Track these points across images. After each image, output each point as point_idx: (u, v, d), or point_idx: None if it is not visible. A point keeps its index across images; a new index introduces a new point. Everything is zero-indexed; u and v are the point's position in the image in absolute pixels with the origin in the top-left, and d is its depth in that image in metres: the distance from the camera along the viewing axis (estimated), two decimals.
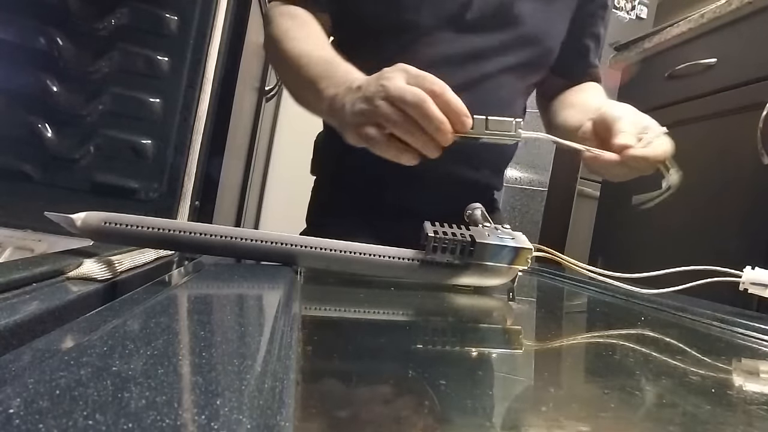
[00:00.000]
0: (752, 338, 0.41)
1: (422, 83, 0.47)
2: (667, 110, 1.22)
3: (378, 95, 0.48)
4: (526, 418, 0.21)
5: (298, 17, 0.69)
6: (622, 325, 0.45)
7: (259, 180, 1.83)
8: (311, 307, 0.37)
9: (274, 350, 0.19)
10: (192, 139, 0.72)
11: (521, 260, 0.46)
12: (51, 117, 0.70)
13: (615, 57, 1.47)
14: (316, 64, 0.60)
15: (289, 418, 0.15)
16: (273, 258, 0.41)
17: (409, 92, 0.46)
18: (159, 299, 0.25)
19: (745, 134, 0.95)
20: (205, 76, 0.73)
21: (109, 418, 0.12)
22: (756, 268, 0.48)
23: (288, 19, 0.68)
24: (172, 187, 0.72)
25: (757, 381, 0.31)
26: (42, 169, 0.70)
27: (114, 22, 0.72)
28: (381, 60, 0.71)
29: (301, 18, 0.69)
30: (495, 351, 0.32)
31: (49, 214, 0.37)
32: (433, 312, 0.42)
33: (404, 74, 0.48)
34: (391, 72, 0.49)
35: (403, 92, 0.46)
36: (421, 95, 0.46)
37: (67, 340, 0.22)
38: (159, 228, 0.37)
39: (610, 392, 0.24)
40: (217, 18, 0.74)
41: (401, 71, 0.48)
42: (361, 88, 0.51)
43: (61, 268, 0.33)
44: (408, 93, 0.46)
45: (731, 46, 1.08)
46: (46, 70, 0.70)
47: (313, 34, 0.67)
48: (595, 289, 0.56)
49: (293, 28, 0.67)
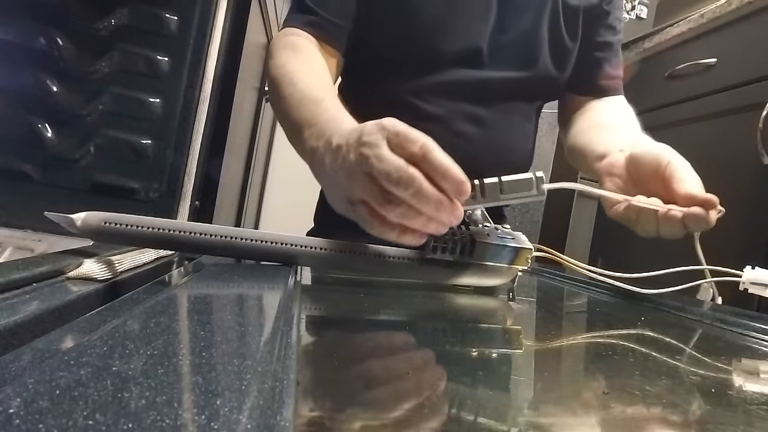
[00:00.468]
0: (752, 338, 0.41)
1: (404, 144, 0.39)
2: (667, 110, 1.22)
3: (359, 169, 0.40)
4: (526, 418, 0.21)
5: (300, 50, 0.64)
6: (622, 325, 0.45)
7: (259, 180, 1.83)
8: (311, 307, 0.37)
9: (274, 350, 0.19)
10: (192, 139, 0.73)
11: (521, 260, 0.46)
12: (51, 117, 0.70)
13: None
14: (304, 105, 0.54)
15: (289, 418, 0.15)
16: (273, 258, 0.41)
17: (395, 171, 0.38)
18: (159, 299, 0.25)
19: (745, 134, 0.95)
20: (205, 76, 0.73)
21: (109, 418, 0.12)
22: (756, 268, 0.48)
23: (289, 53, 0.63)
24: (172, 187, 0.72)
25: (757, 381, 0.31)
26: (42, 169, 0.70)
27: (114, 22, 0.72)
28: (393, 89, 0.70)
29: (302, 51, 0.64)
30: (495, 351, 0.32)
31: (49, 214, 0.37)
32: (433, 312, 0.42)
33: (385, 134, 0.40)
34: (370, 135, 0.40)
35: (388, 172, 0.38)
36: (409, 174, 0.38)
37: (67, 340, 0.22)
38: (159, 228, 0.37)
39: (610, 392, 0.24)
40: (217, 18, 0.74)
41: (381, 130, 0.40)
42: (340, 150, 0.43)
43: (61, 268, 0.33)
44: (393, 172, 0.38)
45: (731, 46, 1.08)
46: (46, 70, 0.70)
47: (310, 71, 0.61)
48: (595, 289, 0.56)
49: (290, 63, 0.61)
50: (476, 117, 0.72)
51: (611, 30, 0.79)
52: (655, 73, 1.28)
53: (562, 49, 0.74)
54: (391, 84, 0.72)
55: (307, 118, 0.52)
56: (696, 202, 0.48)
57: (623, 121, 0.73)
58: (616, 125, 0.71)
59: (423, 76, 0.71)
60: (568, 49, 0.75)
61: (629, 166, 0.57)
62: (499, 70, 0.72)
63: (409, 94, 0.72)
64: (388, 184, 0.38)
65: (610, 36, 0.79)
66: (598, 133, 0.70)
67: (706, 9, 1.13)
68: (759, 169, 0.92)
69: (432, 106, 0.72)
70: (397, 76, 0.72)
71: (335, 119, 0.49)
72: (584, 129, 0.75)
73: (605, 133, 0.70)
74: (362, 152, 0.40)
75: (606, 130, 0.71)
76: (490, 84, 0.72)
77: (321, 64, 0.63)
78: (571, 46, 0.75)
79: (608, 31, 0.79)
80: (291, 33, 0.66)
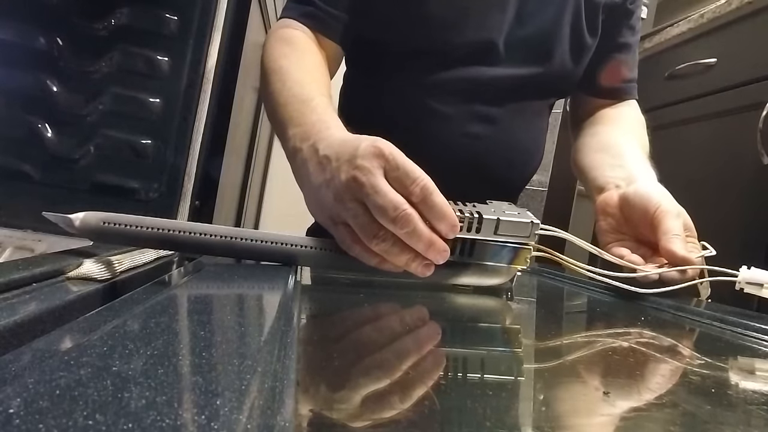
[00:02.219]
0: (752, 338, 0.41)
1: (404, 180, 0.37)
2: (667, 110, 1.22)
3: (350, 194, 0.38)
4: (525, 417, 0.21)
5: (294, 44, 0.62)
6: (622, 325, 0.45)
7: (259, 180, 1.83)
8: (311, 307, 0.37)
9: (274, 350, 0.19)
10: (192, 139, 0.73)
11: (520, 260, 0.46)
12: (51, 117, 0.70)
13: None
14: (291, 104, 0.52)
15: (289, 418, 0.15)
16: (273, 258, 0.41)
17: (392, 210, 0.36)
18: (159, 299, 0.26)
19: (745, 134, 0.95)
20: (205, 76, 0.73)
21: (109, 418, 0.12)
22: (752, 268, 0.48)
23: (283, 46, 0.61)
24: (172, 187, 0.72)
25: (757, 381, 0.31)
26: (42, 169, 0.70)
27: (114, 22, 0.72)
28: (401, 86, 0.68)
29: (297, 46, 0.62)
30: (494, 351, 0.32)
31: (47, 214, 0.37)
32: (433, 312, 0.42)
33: (382, 162, 0.38)
34: (364, 160, 0.38)
35: (385, 208, 0.36)
36: (407, 214, 0.36)
37: (67, 340, 0.22)
38: (158, 228, 0.37)
39: (610, 392, 0.24)
40: (217, 18, 0.74)
41: (378, 157, 0.38)
42: (328, 164, 0.41)
43: (61, 268, 0.33)
44: (391, 211, 0.36)
45: (731, 46, 1.08)
46: (46, 70, 0.70)
47: (301, 68, 0.58)
48: (595, 289, 0.56)
49: (282, 57, 0.59)
50: (487, 116, 0.70)
51: (632, 30, 0.77)
52: (655, 73, 1.28)
53: (581, 45, 0.71)
54: (398, 80, 0.70)
55: (293, 117, 0.50)
56: (676, 261, 0.50)
57: (629, 145, 0.70)
58: (621, 152, 0.68)
59: (433, 73, 0.68)
60: (587, 45, 0.72)
61: (622, 206, 0.57)
62: (513, 67, 0.69)
63: (418, 91, 0.69)
64: (383, 219, 0.37)
65: (630, 37, 0.77)
66: (602, 160, 0.69)
67: (706, 9, 1.13)
68: (759, 169, 0.92)
69: (441, 104, 0.69)
70: (405, 71, 0.69)
71: (322, 122, 0.47)
72: (591, 149, 0.73)
73: (608, 161, 0.68)
74: (356, 176, 0.38)
75: (610, 156, 0.68)
76: (503, 82, 0.69)
77: (314, 62, 0.61)
78: (591, 42, 0.72)
79: (629, 31, 0.77)
80: (287, 25, 0.64)
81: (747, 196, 0.96)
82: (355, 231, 0.39)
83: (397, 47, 0.69)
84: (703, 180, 1.04)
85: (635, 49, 0.79)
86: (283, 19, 0.66)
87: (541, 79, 0.70)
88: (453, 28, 0.66)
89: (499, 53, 0.68)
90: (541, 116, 0.78)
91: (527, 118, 0.74)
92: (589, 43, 0.72)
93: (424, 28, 0.66)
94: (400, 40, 0.68)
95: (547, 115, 0.80)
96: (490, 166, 0.71)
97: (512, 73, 0.69)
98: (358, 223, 0.38)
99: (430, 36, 0.66)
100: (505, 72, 0.68)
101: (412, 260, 0.39)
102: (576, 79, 0.75)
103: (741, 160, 0.98)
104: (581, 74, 0.74)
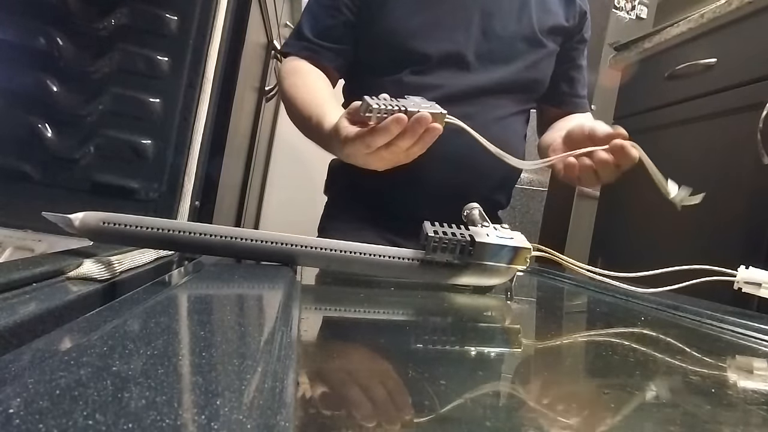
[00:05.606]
0: (751, 338, 0.41)
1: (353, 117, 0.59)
2: (667, 110, 1.22)
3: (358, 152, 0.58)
4: (525, 417, 0.21)
5: (300, 73, 0.83)
6: (622, 325, 0.45)
7: (259, 180, 1.83)
8: (311, 307, 0.37)
9: (274, 350, 0.19)
10: (192, 139, 0.72)
11: (520, 260, 0.46)
12: (51, 117, 0.70)
13: (615, 57, 1.47)
14: (309, 105, 0.75)
15: (289, 418, 0.15)
16: (273, 258, 0.41)
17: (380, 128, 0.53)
18: (159, 299, 0.26)
19: (745, 134, 0.95)
20: (205, 76, 0.73)
21: (109, 418, 0.12)
22: (750, 268, 0.48)
23: (293, 76, 0.82)
24: (172, 187, 0.72)
25: (756, 381, 0.31)
26: (42, 169, 0.70)
27: (114, 22, 0.72)
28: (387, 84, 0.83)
29: (302, 73, 0.83)
30: (494, 350, 0.32)
31: (47, 214, 0.37)
32: (433, 312, 0.42)
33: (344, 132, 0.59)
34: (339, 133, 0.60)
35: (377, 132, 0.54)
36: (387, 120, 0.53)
37: (67, 340, 0.22)
38: (158, 228, 0.37)
39: (610, 392, 0.24)
40: (217, 18, 0.74)
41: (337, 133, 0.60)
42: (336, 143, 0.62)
43: (61, 268, 0.33)
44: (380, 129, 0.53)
45: (731, 46, 1.08)
46: (46, 70, 0.70)
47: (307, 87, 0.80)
48: (595, 289, 0.56)
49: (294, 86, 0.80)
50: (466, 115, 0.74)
51: (583, 54, 0.96)
52: (655, 73, 1.28)
53: (542, 53, 0.87)
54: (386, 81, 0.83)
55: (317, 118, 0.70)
56: (612, 136, 0.59)
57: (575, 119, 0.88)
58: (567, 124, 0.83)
59: (415, 75, 0.81)
60: (548, 52, 0.88)
61: (565, 141, 0.69)
62: (483, 73, 0.83)
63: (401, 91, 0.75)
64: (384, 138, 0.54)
65: (583, 60, 0.96)
66: (551, 132, 0.90)
67: (706, 9, 1.13)
68: (759, 169, 0.92)
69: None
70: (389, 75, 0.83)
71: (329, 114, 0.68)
72: (548, 131, 0.93)
73: (556, 131, 0.86)
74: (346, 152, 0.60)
75: (557, 129, 0.87)
76: (476, 84, 0.82)
77: (316, 78, 0.82)
78: (552, 49, 0.88)
79: (581, 55, 0.96)
80: (291, 60, 0.85)
81: (747, 196, 0.96)
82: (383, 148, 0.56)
83: (381, 57, 0.84)
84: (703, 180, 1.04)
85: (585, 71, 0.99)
86: (289, 56, 0.86)
87: (511, 83, 0.85)
88: (427, 40, 0.81)
89: (469, 62, 0.83)
90: (518, 118, 0.89)
91: (501, 116, 0.85)
92: (551, 49, 0.88)
93: (401, 42, 0.82)
94: (384, 51, 0.84)
95: (523, 119, 0.92)
96: (474, 164, 0.81)
97: (483, 78, 0.83)
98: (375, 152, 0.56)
99: (407, 46, 0.81)
100: (476, 77, 0.83)
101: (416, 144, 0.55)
102: (537, 84, 0.89)
103: (741, 160, 0.98)
104: (543, 79, 0.89)
